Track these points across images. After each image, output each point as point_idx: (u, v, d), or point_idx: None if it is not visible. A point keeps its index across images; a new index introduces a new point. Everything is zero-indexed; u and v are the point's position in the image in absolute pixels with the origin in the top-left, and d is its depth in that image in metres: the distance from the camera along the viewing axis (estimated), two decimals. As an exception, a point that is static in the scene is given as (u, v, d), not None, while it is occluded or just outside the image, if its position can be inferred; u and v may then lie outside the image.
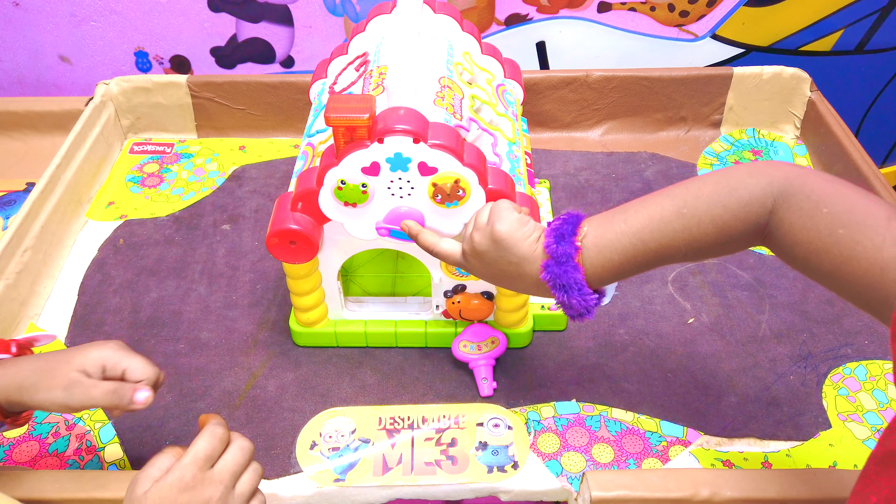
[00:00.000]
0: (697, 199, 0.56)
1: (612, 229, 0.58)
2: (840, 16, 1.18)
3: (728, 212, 0.54)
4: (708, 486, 0.61)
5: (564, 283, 0.58)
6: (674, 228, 0.56)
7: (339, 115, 0.64)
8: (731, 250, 0.57)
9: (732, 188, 0.54)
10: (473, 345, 0.79)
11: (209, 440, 0.54)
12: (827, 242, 0.49)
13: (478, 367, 0.78)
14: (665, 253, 0.57)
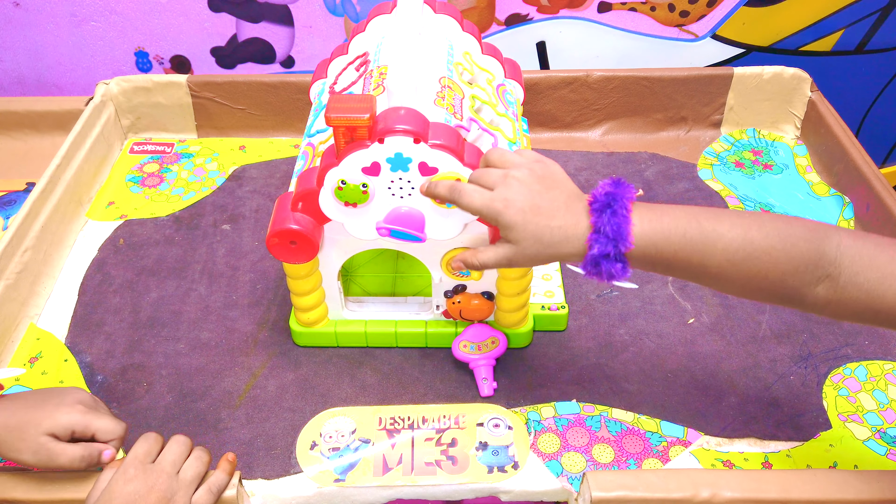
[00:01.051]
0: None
1: (666, 219, 0.57)
2: (840, 16, 1.18)
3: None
4: (708, 487, 0.61)
5: (611, 230, 0.55)
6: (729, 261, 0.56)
7: (340, 115, 0.64)
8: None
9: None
10: (474, 345, 0.79)
11: (144, 441, 0.62)
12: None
13: (478, 368, 0.78)
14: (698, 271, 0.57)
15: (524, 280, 0.77)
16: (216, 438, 0.74)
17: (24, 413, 0.61)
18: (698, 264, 0.56)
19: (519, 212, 0.58)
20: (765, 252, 0.55)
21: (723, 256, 0.56)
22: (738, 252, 0.55)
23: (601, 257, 0.56)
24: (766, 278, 0.56)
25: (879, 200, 0.93)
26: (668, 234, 0.56)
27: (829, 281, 0.55)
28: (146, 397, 0.78)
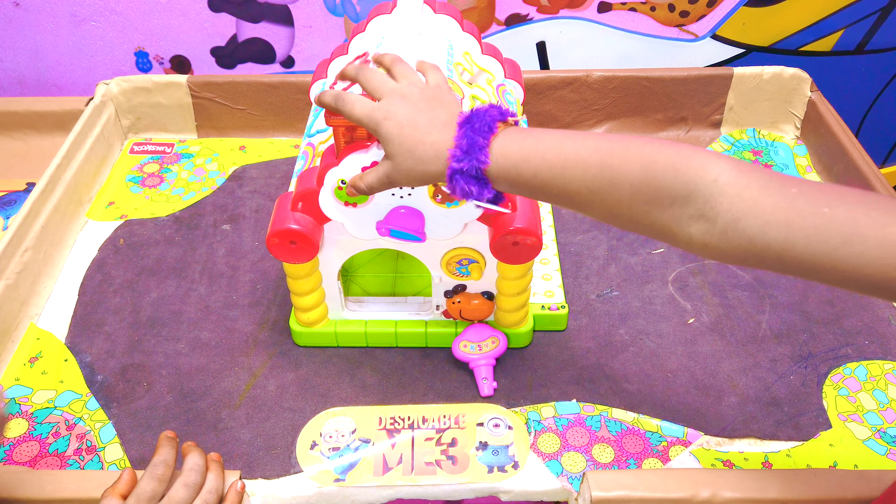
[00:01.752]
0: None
1: (530, 140, 0.54)
2: (840, 16, 1.18)
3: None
4: (708, 487, 0.61)
5: (466, 144, 0.54)
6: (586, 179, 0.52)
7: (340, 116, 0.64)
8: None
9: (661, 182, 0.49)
10: (474, 345, 0.79)
11: (149, 482, 0.60)
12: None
13: (478, 367, 0.78)
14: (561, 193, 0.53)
15: (524, 280, 0.77)
16: (216, 438, 0.74)
17: None
18: (559, 189, 0.53)
19: (397, 125, 0.56)
20: (625, 180, 0.50)
21: (581, 183, 0.52)
22: (597, 179, 0.51)
23: (456, 172, 0.54)
24: (631, 209, 0.51)
25: (879, 200, 0.93)
26: (527, 155, 0.53)
27: (705, 222, 0.48)
28: (146, 397, 0.78)
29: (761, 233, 0.46)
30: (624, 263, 0.94)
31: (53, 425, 0.76)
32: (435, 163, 0.56)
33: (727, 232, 0.47)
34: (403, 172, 0.58)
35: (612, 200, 0.51)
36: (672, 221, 0.49)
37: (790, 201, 0.46)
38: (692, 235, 0.49)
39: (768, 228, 0.46)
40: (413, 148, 0.56)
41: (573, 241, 0.97)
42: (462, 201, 0.68)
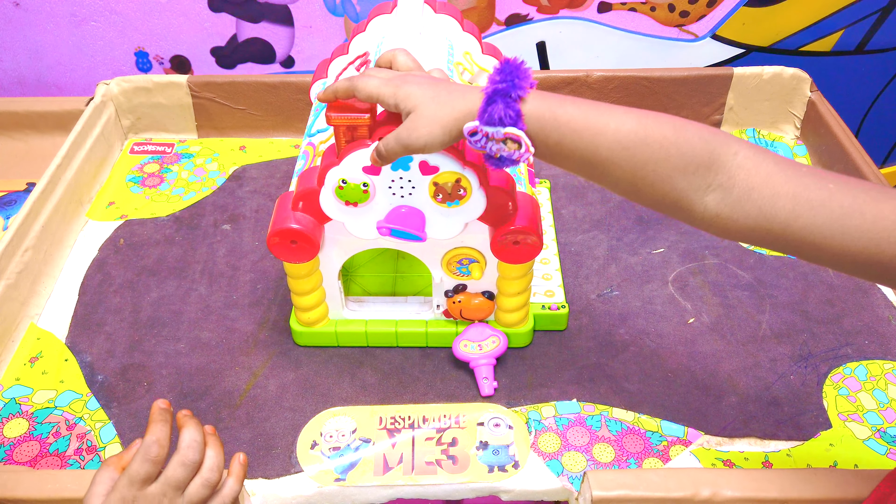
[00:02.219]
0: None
1: (564, 105, 0.55)
2: (840, 16, 1.18)
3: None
4: (708, 486, 0.61)
5: (506, 80, 0.54)
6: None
7: (341, 115, 0.64)
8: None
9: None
10: (474, 344, 0.79)
11: (143, 461, 0.54)
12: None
13: (479, 367, 0.78)
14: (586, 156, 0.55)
15: (525, 279, 0.77)
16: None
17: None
18: (589, 141, 0.54)
19: (420, 80, 0.58)
20: (657, 141, 0.52)
21: (614, 137, 0.53)
22: (630, 134, 0.53)
23: (496, 94, 0.54)
24: (656, 171, 0.53)
25: (879, 200, 0.93)
26: (563, 101, 0.55)
27: (721, 191, 0.52)
28: (147, 397, 0.78)
29: (770, 203, 0.50)
30: (624, 263, 0.94)
31: (54, 425, 0.76)
32: (461, 101, 0.56)
33: (741, 201, 0.51)
34: (428, 117, 0.57)
35: (640, 160, 0.53)
36: (691, 189, 0.52)
37: (799, 177, 0.50)
38: (707, 205, 0.52)
39: (776, 199, 0.50)
40: (437, 93, 0.57)
41: (573, 241, 0.97)
42: (464, 198, 0.68)
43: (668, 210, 0.55)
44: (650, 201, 0.55)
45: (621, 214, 1.01)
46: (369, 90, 0.59)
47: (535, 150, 0.56)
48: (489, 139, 0.55)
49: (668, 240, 0.97)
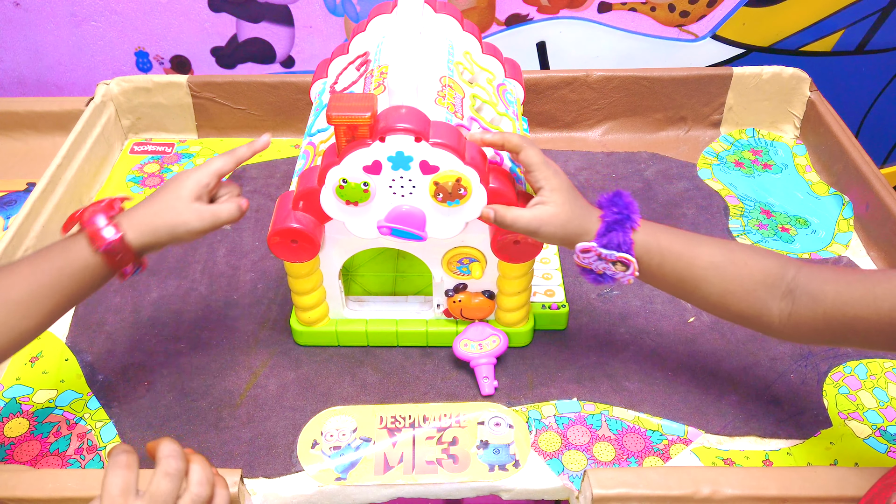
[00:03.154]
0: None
1: (666, 234, 0.66)
2: (840, 16, 1.18)
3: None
4: (709, 484, 0.61)
5: (620, 207, 0.66)
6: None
7: (341, 114, 0.64)
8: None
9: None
10: (475, 343, 0.79)
11: (117, 472, 0.49)
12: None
13: (479, 366, 0.78)
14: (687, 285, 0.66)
15: (525, 279, 0.77)
16: (217, 437, 0.74)
17: (161, 196, 0.66)
18: (687, 262, 0.64)
19: (564, 179, 0.68)
20: (742, 259, 0.64)
21: (708, 258, 0.64)
22: (719, 255, 0.64)
23: (615, 223, 0.65)
24: (742, 285, 0.63)
25: (879, 199, 0.93)
26: (664, 229, 0.67)
27: (791, 296, 0.61)
28: (147, 396, 0.78)
29: (821, 291, 0.59)
30: (624, 263, 0.94)
31: (54, 425, 0.76)
32: (587, 218, 0.66)
33: (802, 297, 0.60)
34: (556, 219, 0.66)
35: (728, 275, 0.64)
36: (770, 296, 0.62)
37: (845, 271, 0.61)
38: (782, 308, 0.62)
39: (828, 286, 0.59)
40: (575, 202, 0.66)
41: (573, 241, 0.97)
42: (464, 197, 0.68)
43: (750, 320, 0.64)
44: (736, 313, 0.65)
45: (621, 214, 1.01)
46: (533, 158, 0.66)
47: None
48: (599, 259, 0.65)
49: (668, 239, 0.97)
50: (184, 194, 0.66)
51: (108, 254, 0.62)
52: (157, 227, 0.65)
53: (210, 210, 0.66)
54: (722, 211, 1.02)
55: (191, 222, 0.65)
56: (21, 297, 0.61)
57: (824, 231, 0.99)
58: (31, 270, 0.61)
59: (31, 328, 0.62)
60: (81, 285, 0.63)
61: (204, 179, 0.67)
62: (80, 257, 0.62)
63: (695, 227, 0.99)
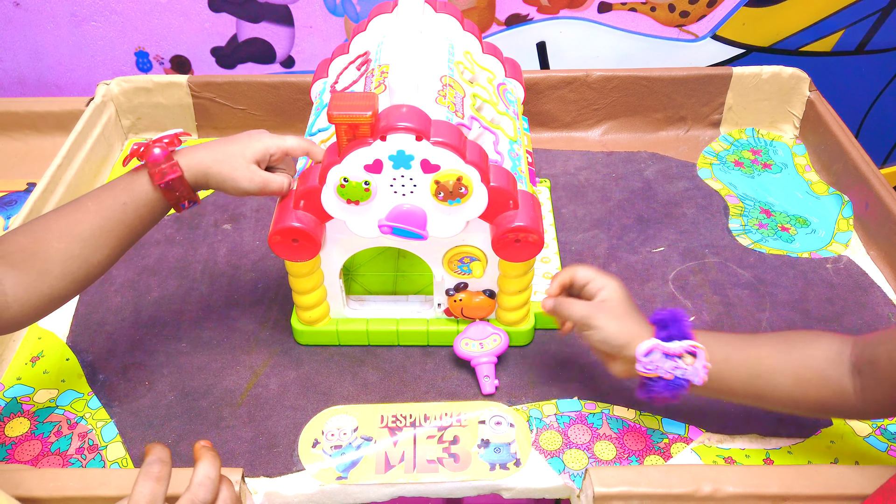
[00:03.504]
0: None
1: (720, 334, 0.67)
2: (840, 16, 1.19)
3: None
4: (710, 482, 0.61)
5: (670, 318, 0.65)
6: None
7: (342, 113, 0.64)
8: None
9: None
10: (475, 342, 0.79)
11: (145, 483, 0.49)
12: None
13: (480, 365, 0.78)
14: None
15: (526, 278, 0.77)
16: (218, 437, 0.74)
17: (226, 147, 0.69)
18: (753, 356, 0.65)
19: (615, 301, 0.68)
20: (801, 345, 0.64)
21: (769, 349, 0.64)
22: (780, 346, 0.65)
23: (666, 320, 0.65)
24: (813, 370, 0.62)
25: (878, 199, 0.93)
26: (715, 332, 0.68)
27: (857, 369, 0.61)
28: (148, 396, 0.78)
29: (875, 354, 0.60)
30: (624, 262, 0.94)
31: (55, 424, 0.76)
32: (640, 325, 0.66)
33: (865, 368, 0.60)
34: (615, 314, 0.66)
35: (795, 357, 0.64)
36: (841, 376, 0.61)
37: (892, 329, 0.61)
38: (855, 385, 0.61)
39: (880, 347, 0.60)
40: (625, 314, 0.66)
41: (574, 240, 0.97)
42: (465, 196, 0.68)
43: (833, 405, 0.63)
44: (815, 401, 0.63)
45: (621, 214, 1.02)
46: (588, 271, 0.70)
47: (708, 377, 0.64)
48: (666, 357, 0.63)
49: (668, 238, 0.97)
50: (247, 154, 0.69)
51: (167, 189, 0.67)
52: (210, 174, 0.68)
53: (262, 176, 0.69)
54: (722, 210, 1.02)
55: (241, 181, 0.68)
56: (91, 231, 0.65)
57: (824, 230, 0.99)
58: (98, 207, 0.65)
59: (102, 261, 0.67)
60: (143, 219, 0.68)
61: (271, 149, 0.70)
62: (142, 192, 0.67)
63: (695, 226, 0.99)
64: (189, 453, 0.73)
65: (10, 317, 0.61)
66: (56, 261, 0.63)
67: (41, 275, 0.62)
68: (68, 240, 0.64)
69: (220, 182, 0.69)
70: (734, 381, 0.64)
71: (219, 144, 0.70)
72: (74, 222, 0.64)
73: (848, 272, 0.92)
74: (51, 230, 0.63)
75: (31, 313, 0.63)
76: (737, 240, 0.97)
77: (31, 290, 0.62)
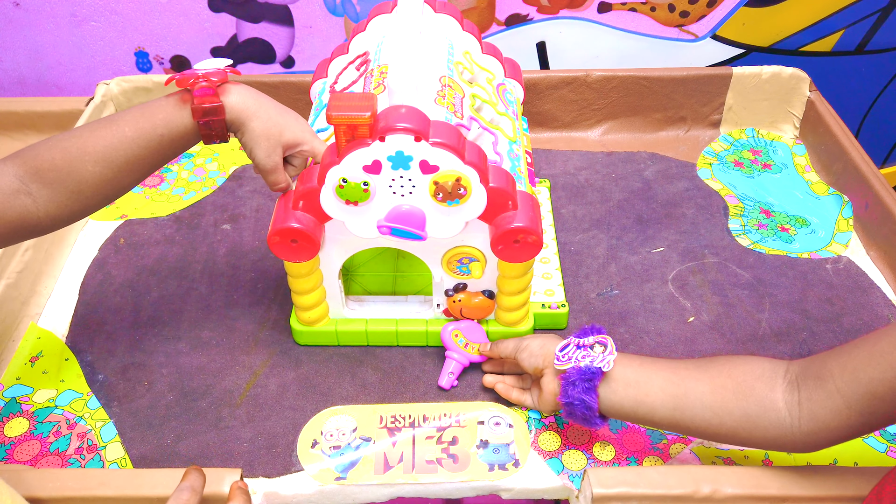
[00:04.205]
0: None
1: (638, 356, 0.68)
2: (840, 16, 1.18)
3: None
4: (709, 483, 0.61)
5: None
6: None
7: (341, 114, 0.64)
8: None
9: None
10: (463, 340, 0.80)
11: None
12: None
13: (452, 360, 0.79)
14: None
15: (525, 278, 0.77)
16: (217, 437, 0.74)
17: (270, 114, 0.69)
18: (671, 367, 0.66)
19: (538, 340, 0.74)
20: (727, 365, 0.64)
21: (691, 364, 0.66)
22: (701, 364, 0.66)
23: (585, 330, 0.70)
24: (736, 380, 0.62)
25: (878, 199, 0.93)
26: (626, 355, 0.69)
27: (794, 385, 0.60)
28: (147, 396, 0.78)
29: (824, 368, 0.58)
30: (624, 262, 0.94)
31: (54, 424, 0.76)
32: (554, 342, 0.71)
33: (808, 382, 0.58)
34: (538, 342, 0.73)
35: (720, 374, 0.63)
36: (769, 389, 0.60)
37: (841, 346, 0.59)
38: (789, 400, 0.59)
39: (830, 361, 0.58)
40: (546, 336, 0.75)
41: (573, 241, 0.97)
42: (464, 197, 0.68)
43: (758, 417, 0.60)
44: (739, 416, 0.61)
45: (621, 214, 1.02)
46: (506, 347, 0.77)
47: (618, 385, 0.66)
48: (578, 347, 0.68)
49: (667, 239, 0.97)
50: (285, 135, 0.70)
51: (204, 126, 0.68)
52: (245, 129, 0.69)
53: (277, 162, 0.71)
54: (721, 211, 1.02)
55: (259, 155, 0.70)
56: (126, 159, 0.66)
57: (824, 231, 0.99)
58: (136, 135, 0.66)
59: (130, 184, 0.69)
60: (176, 150, 0.69)
61: (304, 147, 0.71)
62: (180, 125, 0.67)
63: (695, 226, 0.99)
64: (189, 453, 0.73)
65: (40, 229, 0.65)
66: (90, 183, 0.65)
67: (74, 195, 0.65)
68: (103, 164, 0.65)
69: (247, 140, 0.70)
70: (649, 389, 0.64)
71: (267, 107, 0.70)
72: (111, 148, 0.66)
73: (847, 272, 0.92)
74: (87, 153, 0.65)
75: (58, 226, 0.67)
76: (736, 240, 0.97)
77: (63, 208, 0.65)
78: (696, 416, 0.63)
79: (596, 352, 0.67)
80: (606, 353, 0.66)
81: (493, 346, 0.78)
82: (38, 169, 0.64)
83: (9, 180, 0.63)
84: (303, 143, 0.71)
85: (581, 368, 0.66)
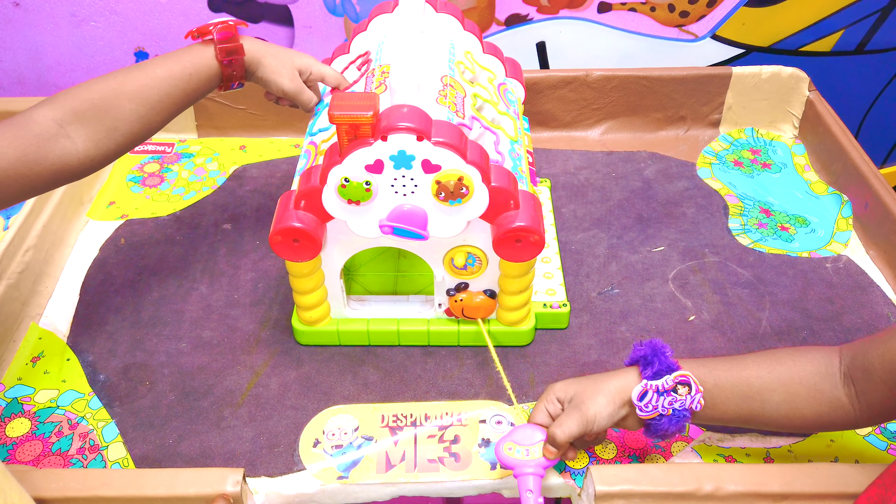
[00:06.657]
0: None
1: (704, 360, 0.66)
2: (840, 16, 1.19)
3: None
4: (711, 480, 0.61)
5: (650, 353, 0.65)
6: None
7: (343, 113, 0.64)
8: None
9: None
10: (522, 448, 0.64)
11: None
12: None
13: (524, 477, 0.63)
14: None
15: (526, 278, 0.77)
16: (219, 437, 0.74)
17: (278, 48, 0.80)
18: (742, 377, 0.64)
19: (573, 383, 0.67)
20: (789, 361, 0.64)
21: (756, 370, 0.64)
22: (766, 364, 0.65)
23: (646, 357, 0.64)
24: (805, 385, 0.63)
25: (878, 198, 0.94)
26: (699, 359, 0.67)
27: (849, 379, 0.61)
28: (148, 396, 0.78)
29: (866, 361, 0.60)
30: (625, 261, 0.94)
31: (56, 424, 0.76)
32: (618, 375, 0.65)
33: (858, 375, 0.61)
34: (590, 401, 0.64)
35: (790, 382, 0.64)
36: (834, 388, 0.62)
37: (880, 332, 0.62)
38: (849, 395, 0.61)
39: (871, 352, 0.60)
40: (592, 379, 0.66)
41: (574, 240, 0.97)
42: (466, 196, 0.68)
43: (830, 419, 0.63)
44: (813, 418, 0.63)
45: (621, 213, 1.02)
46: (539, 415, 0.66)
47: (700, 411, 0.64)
48: (660, 393, 0.63)
49: (668, 238, 0.97)
50: (296, 61, 0.79)
51: (227, 66, 0.75)
52: (263, 64, 0.78)
53: (301, 83, 0.80)
54: (721, 210, 1.02)
55: (285, 78, 0.79)
56: (159, 97, 0.72)
57: (823, 230, 0.99)
58: (166, 74, 0.72)
59: (160, 123, 0.74)
60: (201, 90, 0.76)
61: (313, 68, 0.80)
62: (206, 65, 0.75)
63: (695, 225, 0.99)
64: (190, 453, 0.73)
65: (79, 169, 0.68)
66: (125, 120, 0.70)
67: (110, 132, 0.69)
68: (138, 101, 0.70)
69: (268, 73, 0.78)
70: (727, 406, 0.64)
71: (275, 47, 0.80)
72: (144, 87, 0.71)
73: (847, 272, 0.92)
74: (123, 92, 0.70)
75: (94, 166, 0.70)
76: (736, 239, 0.97)
77: (100, 146, 0.69)
78: (770, 421, 0.65)
79: (681, 394, 0.63)
80: (693, 392, 0.63)
81: (552, 438, 0.63)
82: (76, 109, 0.68)
83: (48, 125, 0.67)
84: (311, 67, 0.80)
85: (671, 417, 0.63)
